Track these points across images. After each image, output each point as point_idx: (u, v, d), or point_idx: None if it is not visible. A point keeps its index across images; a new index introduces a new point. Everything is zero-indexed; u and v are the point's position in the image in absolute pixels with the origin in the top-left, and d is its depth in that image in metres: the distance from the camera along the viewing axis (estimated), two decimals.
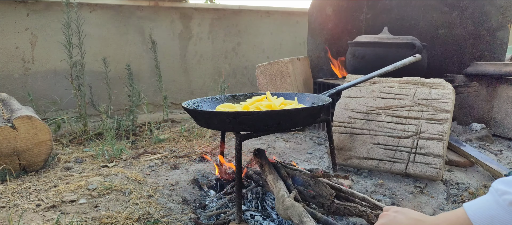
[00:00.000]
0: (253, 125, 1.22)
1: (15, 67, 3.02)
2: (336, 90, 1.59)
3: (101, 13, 3.25)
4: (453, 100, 1.69)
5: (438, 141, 1.62)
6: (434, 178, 1.61)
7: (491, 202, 0.65)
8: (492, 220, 0.63)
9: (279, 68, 2.67)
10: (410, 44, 2.34)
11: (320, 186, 1.26)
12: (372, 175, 1.74)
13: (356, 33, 3.01)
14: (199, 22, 3.67)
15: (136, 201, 1.40)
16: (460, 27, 2.77)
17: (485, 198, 0.68)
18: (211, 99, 1.56)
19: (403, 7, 2.88)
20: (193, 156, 2.04)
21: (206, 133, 2.50)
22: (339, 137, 1.83)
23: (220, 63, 3.85)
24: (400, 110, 1.75)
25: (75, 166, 1.85)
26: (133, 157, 2.02)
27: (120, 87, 3.29)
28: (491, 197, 0.66)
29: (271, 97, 1.53)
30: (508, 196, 0.62)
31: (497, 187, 0.65)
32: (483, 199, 0.68)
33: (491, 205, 0.64)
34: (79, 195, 1.44)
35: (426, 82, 1.78)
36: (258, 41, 3.99)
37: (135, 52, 3.43)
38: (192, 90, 3.75)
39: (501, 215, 0.62)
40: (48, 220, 1.25)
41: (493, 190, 0.66)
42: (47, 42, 3.06)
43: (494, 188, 0.67)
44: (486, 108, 2.52)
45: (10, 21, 2.95)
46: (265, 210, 1.36)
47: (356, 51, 2.54)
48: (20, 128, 1.71)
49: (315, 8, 3.25)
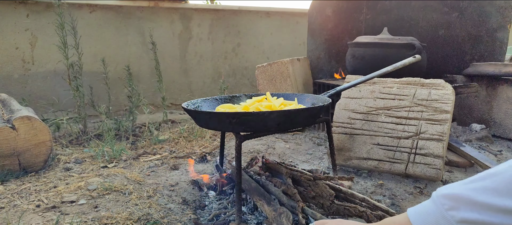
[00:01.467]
0: (253, 125, 1.22)
1: (15, 67, 3.02)
2: (336, 91, 1.59)
3: (101, 14, 3.25)
4: (453, 101, 1.69)
5: (438, 141, 1.62)
6: (434, 179, 1.61)
7: (438, 216, 0.64)
8: None
9: (279, 68, 2.67)
10: (410, 44, 2.34)
11: (320, 187, 1.26)
12: (372, 175, 1.74)
13: (356, 34, 3.01)
14: (199, 22, 3.68)
15: (136, 202, 1.40)
16: (460, 28, 2.77)
17: (429, 208, 0.66)
18: (211, 100, 1.56)
19: (403, 7, 2.88)
20: (193, 157, 2.04)
21: (206, 134, 2.50)
22: (339, 138, 1.83)
23: (220, 64, 3.85)
24: (400, 111, 1.75)
25: (75, 167, 1.85)
26: (132, 157, 2.02)
27: (120, 88, 3.29)
28: (436, 209, 0.64)
29: (271, 97, 1.53)
30: (455, 212, 0.62)
31: (443, 200, 0.64)
32: (427, 209, 0.66)
33: (439, 221, 0.63)
34: (79, 196, 1.44)
35: (426, 82, 1.78)
36: (258, 41, 3.99)
37: (135, 52, 3.43)
38: (192, 90, 3.75)
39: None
40: (48, 220, 1.25)
41: (438, 201, 0.64)
42: (47, 42, 3.06)
43: (439, 199, 0.65)
44: (486, 109, 2.52)
45: (10, 22, 2.95)
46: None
47: (356, 52, 2.54)
48: (20, 128, 1.71)
49: (315, 8, 3.25)
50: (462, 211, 0.61)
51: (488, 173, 0.62)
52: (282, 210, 1.16)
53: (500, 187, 0.59)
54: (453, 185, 0.65)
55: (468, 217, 0.60)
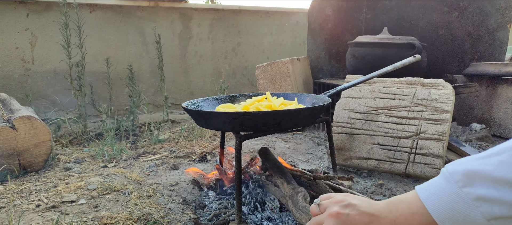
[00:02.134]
0: (253, 125, 1.22)
1: (15, 67, 3.02)
2: (336, 90, 1.59)
3: (101, 14, 3.25)
4: (453, 101, 1.69)
5: (438, 141, 1.62)
6: None
7: (451, 194, 0.57)
8: (454, 214, 0.57)
9: (279, 68, 2.67)
10: (410, 44, 2.34)
11: (320, 186, 1.26)
12: (372, 175, 1.74)
13: (356, 34, 3.01)
14: (199, 22, 3.68)
15: (136, 202, 1.40)
16: (460, 28, 2.77)
17: (441, 185, 0.59)
18: (211, 100, 1.56)
19: (403, 7, 2.88)
20: (193, 156, 2.04)
21: (206, 133, 2.50)
22: (339, 137, 1.83)
23: (220, 64, 3.85)
24: (400, 110, 1.75)
25: (75, 166, 1.85)
26: (133, 157, 2.02)
27: (120, 88, 3.29)
28: (448, 187, 0.58)
29: (271, 97, 1.53)
30: (470, 188, 0.55)
31: (456, 177, 0.57)
32: (438, 187, 0.60)
33: (452, 199, 0.57)
34: (79, 196, 1.44)
35: (426, 82, 1.78)
36: (258, 41, 3.99)
37: (135, 52, 3.43)
38: (192, 90, 3.75)
39: (463, 209, 0.56)
40: (48, 220, 1.25)
41: (451, 178, 0.58)
42: (47, 42, 3.06)
43: (451, 175, 0.58)
44: (486, 108, 2.52)
45: (10, 21, 2.95)
46: (264, 211, 1.36)
47: (356, 52, 2.54)
48: (20, 128, 1.71)
49: (315, 8, 3.25)
50: (479, 187, 0.55)
51: (504, 147, 0.56)
52: (300, 189, 1.18)
53: None
54: (464, 160, 0.59)
55: (485, 194, 0.54)
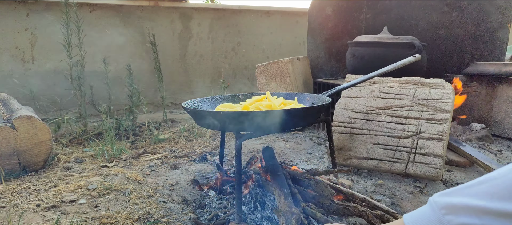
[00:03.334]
0: (253, 125, 1.22)
1: (15, 67, 3.02)
2: (336, 90, 1.59)
3: (101, 13, 3.25)
4: (453, 100, 1.69)
5: (438, 140, 1.62)
6: (434, 178, 1.61)
7: (435, 222, 0.63)
8: None
9: (279, 68, 2.67)
10: (410, 44, 2.34)
11: (321, 186, 1.26)
12: (372, 175, 1.74)
13: (356, 33, 3.01)
14: (199, 22, 3.67)
15: (136, 201, 1.40)
16: (460, 27, 2.77)
17: (426, 214, 0.65)
18: (211, 99, 1.56)
19: (403, 7, 2.88)
20: (193, 156, 2.04)
21: (206, 133, 2.50)
22: (339, 137, 1.83)
23: (220, 63, 3.85)
24: (400, 110, 1.75)
25: (75, 166, 1.85)
26: (133, 157, 2.02)
27: (120, 87, 3.29)
28: (433, 215, 0.63)
29: (271, 97, 1.53)
30: (453, 217, 0.61)
31: (440, 206, 0.63)
32: (424, 215, 0.65)
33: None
34: (79, 195, 1.44)
35: (426, 82, 1.78)
36: (258, 41, 3.99)
37: (135, 52, 3.43)
38: (192, 90, 3.75)
39: None
40: (48, 220, 1.25)
41: (436, 207, 0.63)
42: (47, 42, 3.06)
43: (436, 205, 0.64)
44: (486, 108, 2.52)
45: (10, 21, 2.95)
46: (264, 211, 1.36)
47: (356, 51, 2.54)
48: (20, 128, 1.71)
49: (315, 8, 3.25)
50: (461, 216, 0.60)
51: (487, 177, 0.61)
52: (295, 210, 1.12)
53: (500, 191, 0.58)
54: (450, 191, 0.64)
55: (467, 222, 0.60)
